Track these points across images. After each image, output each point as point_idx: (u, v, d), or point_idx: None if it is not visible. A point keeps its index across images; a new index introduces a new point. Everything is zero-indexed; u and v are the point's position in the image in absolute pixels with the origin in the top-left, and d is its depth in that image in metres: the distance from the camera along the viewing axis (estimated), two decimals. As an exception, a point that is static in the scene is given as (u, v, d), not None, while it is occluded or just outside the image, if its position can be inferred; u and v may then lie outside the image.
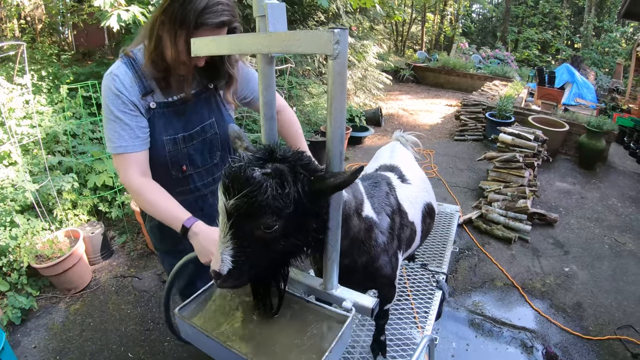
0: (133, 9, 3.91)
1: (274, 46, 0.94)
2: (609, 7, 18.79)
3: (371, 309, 1.08)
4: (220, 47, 1.11)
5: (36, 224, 3.12)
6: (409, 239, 1.64)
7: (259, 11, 1.00)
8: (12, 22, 6.77)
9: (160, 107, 1.45)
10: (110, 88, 1.37)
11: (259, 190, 0.88)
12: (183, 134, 1.51)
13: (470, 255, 3.74)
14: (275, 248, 0.97)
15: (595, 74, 12.69)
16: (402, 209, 1.58)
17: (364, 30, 8.06)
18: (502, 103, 6.89)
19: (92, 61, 6.66)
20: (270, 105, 1.12)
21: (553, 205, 4.83)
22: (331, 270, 1.12)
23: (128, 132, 1.39)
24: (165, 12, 1.30)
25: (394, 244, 1.47)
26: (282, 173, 0.92)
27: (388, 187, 1.58)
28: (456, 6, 21.30)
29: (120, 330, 2.80)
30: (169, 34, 1.32)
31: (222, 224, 0.94)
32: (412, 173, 1.84)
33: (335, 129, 0.94)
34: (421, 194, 1.79)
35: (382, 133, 7.57)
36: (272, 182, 0.90)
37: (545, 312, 3.09)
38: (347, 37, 0.83)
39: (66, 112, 3.81)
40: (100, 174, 3.57)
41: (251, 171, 0.89)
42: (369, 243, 1.35)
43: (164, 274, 3.33)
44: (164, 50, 1.36)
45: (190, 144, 1.54)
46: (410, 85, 12.48)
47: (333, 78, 0.87)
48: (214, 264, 0.96)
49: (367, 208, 1.35)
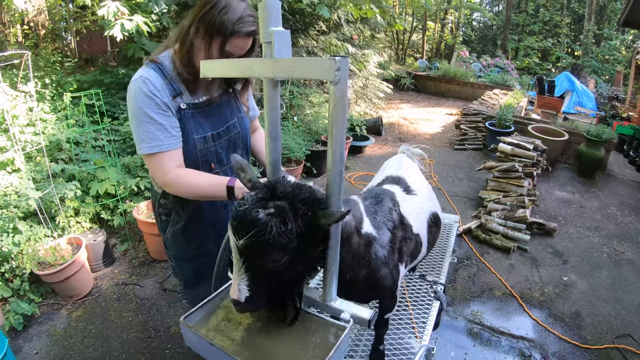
0: (136, 18, 3.96)
1: (279, 71, 1.00)
2: (608, 15, 18.89)
3: (368, 320, 1.14)
4: (229, 70, 1.16)
5: (39, 230, 3.14)
6: (414, 250, 1.69)
7: (266, 37, 1.05)
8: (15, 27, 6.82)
9: (189, 107, 1.54)
10: (142, 91, 1.44)
11: (264, 230, 0.95)
12: (212, 132, 1.61)
13: (469, 265, 3.76)
14: (285, 276, 1.05)
15: (595, 81, 12.73)
16: (405, 222, 1.63)
17: (365, 39, 8.11)
18: (502, 112, 6.92)
19: (95, 68, 6.71)
20: (275, 125, 1.16)
21: (552, 214, 4.86)
22: (330, 283, 1.17)
23: (162, 132, 1.46)
24: (201, 20, 1.41)
25: (394, 257, 1.52)
26: (284, 211, 0.99)
27: (392, 202, 1.64)
28: (457, 14, 21.41)
29: (121, 337, 2.82)
30: (203, 40, 1.42)
31: (236, 260, 1.01)
32: (418, 184, 1.90)
33: (336, 148, 0.99)
34: (427, 204, 1.85)
35: (383, 142, 7.60)
36: (275, 221, 0.96)
37: (543, 322, 3.10)
38: (347, 64, 0.89)
39: (69, 119, 3.85)
40: (103, 181, 3.60)
41: (256, 213, 0.97)
42: (369, 257, 1.41)
43: (165, 282, 3.36)
44: (195, 55, 1.46)
45: (218, 142, 1.64)
46: (411, 94, 12.54)
47: (334, 102, 0.93)
48: (232, 294, 1.03)
49: (366, 225, 1.40)
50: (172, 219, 1.73)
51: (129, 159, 4.04)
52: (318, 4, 5.03)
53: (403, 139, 7.86)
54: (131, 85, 1.47)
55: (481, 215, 4.44)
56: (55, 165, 3.51)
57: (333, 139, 0.98)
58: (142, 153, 1.48)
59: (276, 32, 1.02)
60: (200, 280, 1.82)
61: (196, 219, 1.72)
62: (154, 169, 1.52)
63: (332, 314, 1.20)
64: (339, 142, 0.98)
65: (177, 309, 3.09)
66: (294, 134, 5.48)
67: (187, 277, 1.88)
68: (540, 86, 8.62)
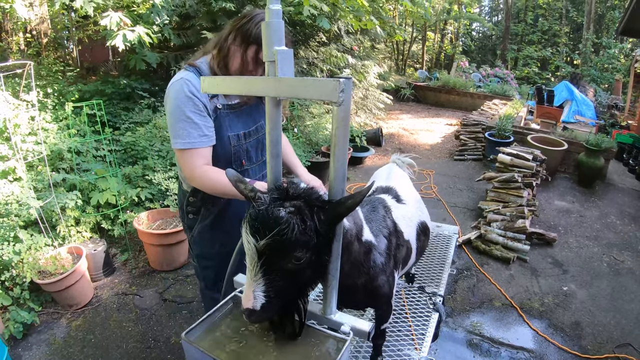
0: (138, 29, 4.01)
1: (282, 91, 1.02)
2: (607, 24, 19.02)
3: (367, 332, 1.15)
4: (231, 87, 1.19)
5: (39, 239, 3.15)
6: (405, 257, 1.72)
7: (269, 56, 1.06)
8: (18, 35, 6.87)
9: (224, 108, 1.69)
10: (183, 91, 1.56)
11: (288, 227, 0.95)
12: (243, 131, 1.76)
13: (469, 276, 3.76)
14: (300, 278, 1.05)
15: (595, 90, 12.78)
16: (398, 229, 1.67)
17: (365, 50, 8.16)
18: (502, 123, 6.95)
19: (96, 77, 6.75)
20: (276, 144, 1.17)
21: (552, 224, 4.86)
22: (330, 297, 1.18)
23: (197, 130, 1.58)
24: (239, 30, 1.58)
25: (390, 264, 1.55)
26: (301, 209, 1.00)
27: (384, 210, 1.68)
28: (456, 25, 21.54)
29: (121, 347, 2.82)
30: (239, 47, 1.59)
31: (252, 264, 1.00)
32: (407, 193, 1.94)
33: (338, 167, 1.02)
34: (416, 213, 1.88)
35: (383, 153, 7.62)
36: (296, 218, 0.97)
37: (543, 332, 3.10)
38: (350, 85, 0.90)
39: (71, 129, 3.88)
40: (104, 191, 3.61)
41: (277, 211, 0.97)
42: (368, 264, 1.43)
43: (165, 293, 3.36)
44: (231, 60, 1.62)
45: (249, 140, 1.79)
46: (411, 104, 12.59)
47: (337, 123, 0.95)
48: (246, 303, 1.01)
49: (366, 232, 1.42)
50: (201, 215, 1.83)
51: (129, 169, 4.06)
52: (318, 15, 5.08)
53: (403, 150, 7.88)
54: (172, 85, 1.60)
55: (481, 225, 4.45)
56: (57, 175, 3.53)
57: (336, 159, 1.00)
58: (176, 148, 1.60)
59: (280, 51, 1.03)
60: (219, 281, 1.86)
61: (224, 215, 1.83)
62: (184, 164, 1.63)
63: (332, 326, 1.21)
64: (342, 161, 1.01)
65: (177, 319, 3.09)
66: (294, 145, 5.50)
67: (208, 278, 1.97)
68: (539, 96, 8.66)
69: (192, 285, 3.46)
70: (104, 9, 4.18)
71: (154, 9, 4.44)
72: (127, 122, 4.93)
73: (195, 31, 5.26)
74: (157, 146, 4.39)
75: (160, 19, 4.56)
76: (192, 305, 3.24)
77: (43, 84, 5.17)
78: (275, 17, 1.04)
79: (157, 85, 5.87)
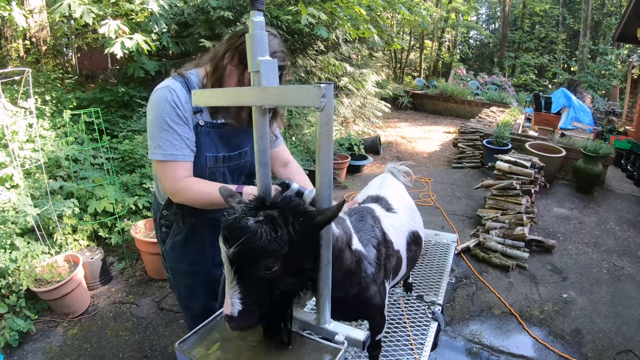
0: (136, 37, 4.02)
1: (267, 99, 1.04)
2: (603, 31, 19.18)
3: (362, 341, 1.15)
4: (219, 99, 1.21)
5: (36, 247, 3.13)
6: (396, 267, 1.71)
7: (254, 67, 1.09)
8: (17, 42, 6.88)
9: (207, 126, 1.59)
10: (167, 99, 1.48)
11: (254, 236, 0.97)
12: (223, 154, 1.66)
13: (468, 284, 3.75)
14: (277, 287, 1.05)
15: (592, 97, 12.86)
16: (387, 239, 1.65)
17: (362, 59, 8.19)
18: (499, 130, 6.96)
19: (95, 84, 6.76)
20: (265, 152, 1.19)
21: (551, 231, 4.85)
22: (324, 306, 1.18)
23: (180, 142, 1.51)
24: (236, 49, 1.49)
25: (381, 274, 1.54)
26: (273, 218, 1.01)
27: (373, 219, 1.66)
28: (454, 33, 21.69)
29: (117, 356, 2.79)
30: (236, 67, 1.51)
31: (228, 271, 1.02)
32: (399, 202, 1.93)
33: (323, 174, 1.03)
34: (406, 222, 1.87)
35: (381, 161, 7.62)
36: (265, 227, 0.99)
37: (543, 340, 3.08)
38: (332, 90, 0.92)
39: (69, 137, 3.87)
40: (101, 199, 3.60)
41: (245, 221, 1.00)
42: (359, 274, 1.42)
43: (162, 302, 3.33)
44: (226, 80, 1.53)
45: (228, 164, 1.69)
46: (409, 112, 12.63)
47: (320, 128, 0.97)
48: (226, 309, 1.03)
49: (355, 242, 1.43)
50: (173, 231, 1.75)
51: (127, 177, 4.05)
52: (316, 24, 5.10)
53: (401, 158, 7.89)
54: (156, 92, 1.52)
55: (479, 233, 4.44)
56: (54, 182, 3.52)
57: (320, 164, 1.01)
58: (155, 159, 1.52)
59: (263, 61, 1.06)
60: (193, 296, 1.84)
61: (195, 235, 1.74)
62: (164, 176, 1.55)
63: (327, 336, 1.20)
64: (326, 167, 1.01)
65: (174, 328, 3.07)
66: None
67: (180, 291, 1.90)
68: (537, 103, 8.70)
69: (189, 293, 3.44)
70: (103, 17, 4.19)
71: (153, 17, 4.46)
72: (125, 130, 4.92)
73: (194, 39, 5.28)
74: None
75: (159, 27, 4.58)
76: (190, 313, 3.21)
77: (41, 91, 5.17)
78: (258, 29, 1.07)
79: (155, 93, 5.86)
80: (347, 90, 7.60)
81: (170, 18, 4.80)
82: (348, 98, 7.73)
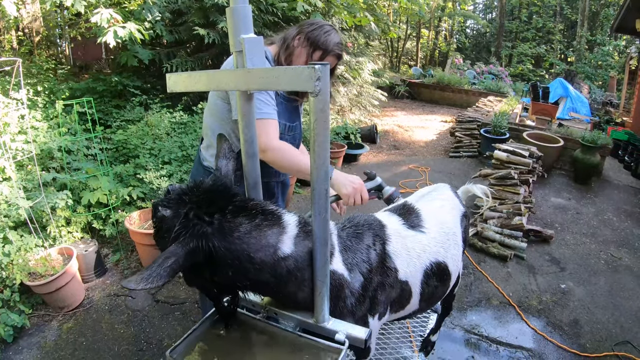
0: (129, 25, 3.95)
1: (252, 83, 0.93)
2: (601, 21, 19.09)
3: (364, 339, 1.09)
4: (196, 84, 1.10)
5: (29, 240, 3.08)
6: (398, 300, 1.48)
7: (236, 46, 0.98)
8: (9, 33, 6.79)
9: (281, 97, 1.82)
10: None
11: (158, 222, 1.05)
12: (289, 123, 1.90)
13: (466, 274, 3.73)
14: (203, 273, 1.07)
15: (589, 87, 12.83)
16: (387, 265, 1.41)
17: (359, 47, 8.13)
18: (497, 119, 6.93)
19: (89, 75, 6.68)
20: (252, 142, 1.10)
21: (549, 221, 4.84)
22: (322, 304, 1.12)
23: (271, 103, 1.67)
24: (309, 34, 1.75)
25: (363, 307, 1.33)
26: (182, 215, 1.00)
27: (373, 238, 1.41)
28: (450, 22, 21.58)
29: (113, 350, 2.76)
30: (306, 49, 1.76)
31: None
32: (435, 222, 1.64)
33: (319, 165, 0.92)
34: (433, 248, 1.56)
35: (378, 150, 7.58)
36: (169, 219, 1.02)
37: (541, 330, 3.07)
38: (328, 72, 0.81)
39: (61, 128, 3.80)
40: (95, 191, 3.54)
41: (156, 206, 1.04)
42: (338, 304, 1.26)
43: (157, 294, 3.30)
44: (293, 57, 1.77)
45: (290, 133, 1.92)
46: (405, 101, 12.57)
47: (315, 115, 0.85)
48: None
49: (336, 262, 1.25)
50: None
51: (121, 168, 3.99)
52: (313, 11, 5.03)
53: (398, 147, 7.85)
54: None
55: (477, 223, 4.42)
56: (47, 174, 3.46)
57: (316, 155, 0.91)
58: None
59: (247, 39, 0.95)
60: None
61: None
62: (259, 133, 1.59)
63: (327, 334, 1.14)
64: (323, 158, 0.91)
65: (170, 320, 3.04)
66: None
67: None
68: (534, 93, 8.66)
69: (184, 285, 3.40)
70: (96, 6, 4.11)
71: (146, 5, 4.39)
72: (119, 120, 4.86)
73: (188, 28, 5.19)
74: (148, 144, 4.32)
75: (152, 15, 4.50)
76: (185, 306, 3.18)
77: (34, 82, 5.10)
78: (241, 2, 0.96)
79: (149, 82, 5.79)
80: (343, 78, 7.53)
81: (164, 6, 4.71)
82: (344, 86, 7.67)
